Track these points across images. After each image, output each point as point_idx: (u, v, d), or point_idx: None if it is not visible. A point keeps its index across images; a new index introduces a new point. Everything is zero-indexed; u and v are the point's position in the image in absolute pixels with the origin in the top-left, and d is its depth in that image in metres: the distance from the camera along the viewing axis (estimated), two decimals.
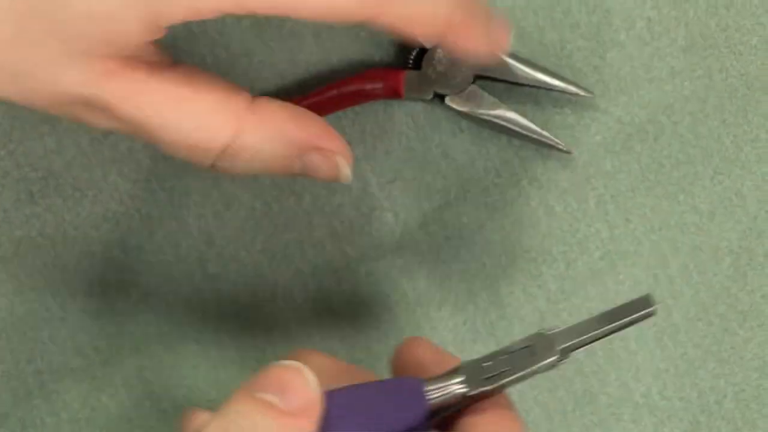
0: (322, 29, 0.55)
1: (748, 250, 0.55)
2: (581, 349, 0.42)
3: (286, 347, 0.55)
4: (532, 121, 0.54)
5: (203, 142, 0.43)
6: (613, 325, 0.42)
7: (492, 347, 0.54)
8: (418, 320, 0.55)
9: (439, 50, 0.54)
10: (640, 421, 0.55)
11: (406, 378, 0.42)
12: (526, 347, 0.42)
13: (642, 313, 0.42)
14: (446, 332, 0.55)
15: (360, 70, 0.54)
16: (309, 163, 0.45)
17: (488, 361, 0.42)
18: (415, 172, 0.55)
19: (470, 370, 0.42)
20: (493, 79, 0.54)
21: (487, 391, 0.41)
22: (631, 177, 0.55)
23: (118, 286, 0.55)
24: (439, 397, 0.41)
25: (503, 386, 0.42)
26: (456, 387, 0.41)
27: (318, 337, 0.55)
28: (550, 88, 0.54)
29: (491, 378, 0.41)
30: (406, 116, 0.55)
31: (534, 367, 0.41)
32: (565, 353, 0.42)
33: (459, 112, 0.54)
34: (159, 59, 0.44)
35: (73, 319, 0.55)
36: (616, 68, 0.55)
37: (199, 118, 0.43)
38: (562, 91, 0.54)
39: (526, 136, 0.54)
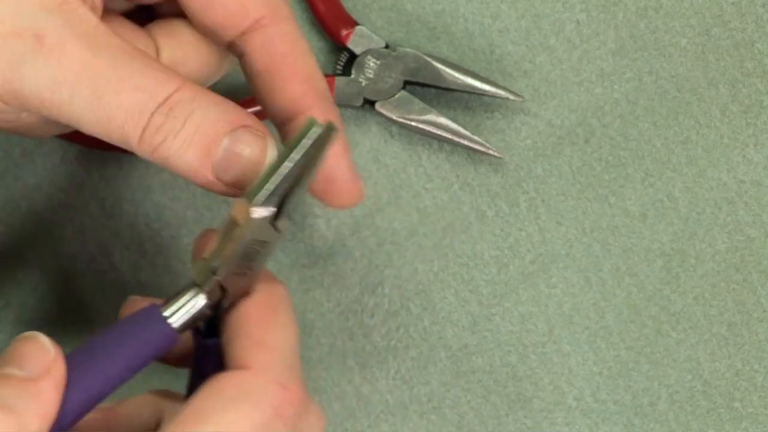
0: None
1: (680, 251, 0.56)
2: (293, 199, 0.40)
3: None
4: (462, 126, 0.54)
5: (151, 87, 0.40)
6: (311, 166, 0.39)
7: (426, 353, 0.55)
8: (351, 328, 0.55)
9: (368, 57, 0.54)
10: (574, 424, 0.55)
11: (144, 309, 0.41)
12: (245, 229, 0.39)
13: (317, 135, 0.39)
14: (379, 339, 0.55)
15: None
16: (237, 138, 0.40)
17: (213, 257, 0.40)
18: None
19: (202, 275, 0.40)
20: (424, 85, 0.54)
21: (217, 282, 0.40)
22: (562, 180, 0.55)
23: (53, 297, 0.55)
24: (178, 312, 0.40)
25: (229, 273, 0.40)
26: (188, 296, 0.40)
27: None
28: (480, 93, 0.54)
29: (215, 269, 0.40)
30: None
31: (265, 252, 0.40)
32: (286, 216, 0.40)
33: (389, 118, 0.54)
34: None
35: (7, 329, 0.55)
36: (545, 72, 0.55)
37: (145, 71, 0.41)
38: (493, 96, 0.54)
39: (457, 142, 0.54)
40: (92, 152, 0.55)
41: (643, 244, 0.55)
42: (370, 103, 0.54)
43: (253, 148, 0.40)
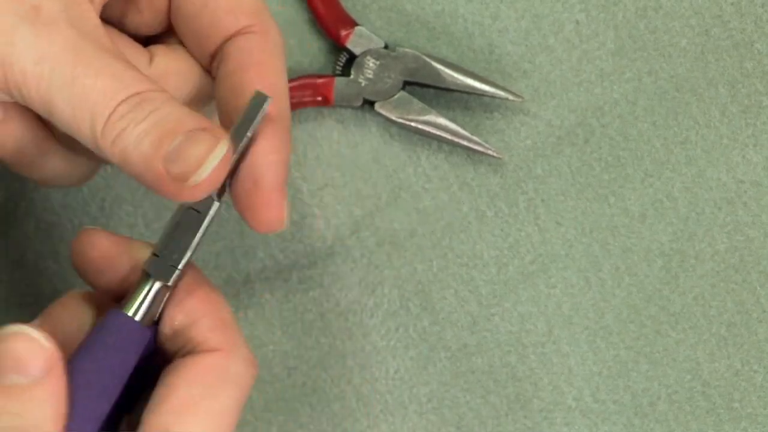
0: None
1: (680, 252, 0.56)
2: (233, 175, 0.41)
3: None
4: (462, 126, 0.54)
5: (123, 79, 0.40)
6: (246, 138, 0.41)
7: (425, 353, 0.55)
8: (350, 327, 0.55)
9: (368, 57, 0.54)
10: (573, 424, 0.55)
11: (109, 315, 0.41)
12: (188, 209, 0.41)
13: (262, 110, 0.41)
14: (378, 339, 0.55)
15: (289, 78, 0.54)
16: (191, 139, 0.40)
17: (166, 247, 0.41)
18: (346, 178, 0.55)
19: (155, 266, 0.41)
20: (423, 85, 0.54)
21: (180, 272, 0.41)
22: (562, 180, 0.55)
23: (50, 297, 0.55)
24: (144, 311, 0.41)
25: (190, 257, 0.41)
26: (153, 291, 0.41)
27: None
28: (479, 94, 0.54)
29: (177, 260, 0.41)
30: (337, 123, 0.55)
31: (206, 224, 0.41)
32: (223, 191, 0.41)
33: (389, 119, 0.54)
34: None
35: None
36: (545, 72, 0.55)
37: (126, 68, 0.41)
38: (492, 96, 0.54)
39: (457, 142, 0.54)
40: None
41: (643, 244, 0.55)
42: (369, 104, 0.54)
43: (207, 144, 0.40)
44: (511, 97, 0.54)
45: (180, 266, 0.41)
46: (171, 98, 0.41)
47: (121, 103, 0.40)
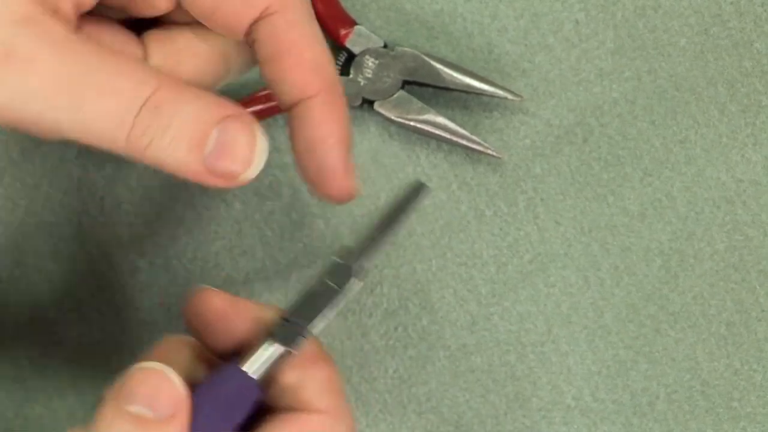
0: None
1: (679, 251, 0.56)
2: (376, 256, 0.42)
3: None
4: (461, 125, 0.54)
5: (128, 90, 0.40)
6: (397, 223, 0.42)
7: (424, 352, 0.55)
8: (350, 327, 0.55)
9: (367, 56, 0.54)
10: (572, 423, 0.55)
11: (225, 368, 0.41)
12: (325, 283, 0.42)
13: (418, 198, 0.42)
14: (378, 338, 0.55)
15: None
16: (226, 128, 0.40)
17: (295, 313, 0.42)
18: None
19: (281, 329, 0.42)
20: (422, 85, 0.54)
21: (301, 340, 0.41)
22: (561, 179, 0.55)
23: (50, 297, 0.55)
24: (263, 371, 0.41)
25: (314, 329, 0.42)
26: (275, 353, 0.41)
27: None
28: (478, 93, 0.54)
29: (303, 329, 0.41)
30: None
31: (341, 301, 0.42)
32: (363, 270, 0.42)
33: (388, 118, 0.54)
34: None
35: (6, 332, 0.55)
36: (544, 71, 0.55)
37: (125, 68, 0.40)
38: (491, 96, 0.54)
39: (456, 141, 0.54)
40: (92, 152, 0.55)
41: (642, 243, 0.55)
42: (368, 103, 0.54)
43: (244, 136, 0.41)
44: (510, 97, 0.54)
45: (308, 336, 0.42)
46: (178, 90, 0.40)
47: (137, 118, 0.39)
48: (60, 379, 0.55)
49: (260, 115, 0.54)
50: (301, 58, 0.43)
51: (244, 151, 0.40)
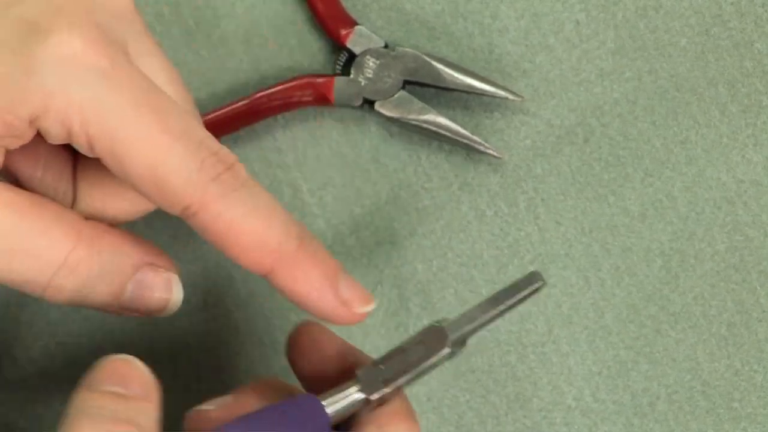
0: (251, 36, 0.55)
1: (679, 251, 0.56)
2: (476, 334, 0.42)
3: (216, 355, 0.55)
4: (462, 125, 0.54)
5: (45, 253, 0.41)
6: (504, 305, 0.42)
7: None
8: (350, 327, 0.55)
9: (368, 56, 0.54)
10: (573, 424, 0.55)
11: (303, 396, 0.42)
12: (420, 342, 0.42)
13: (531, 288, 0.42)
14: (378, 338, 0.55)
15: (290, 77, 0.54)
16: (141, 281, 0.42)
17: (383, 363, 0.42)
18: (346, 178, 0.55)
19: (366, 375, 0.41)
20: (423, 85, 0.54)
21: (385, 393, 0.41)
22: (562, 180, 0.55)
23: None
24: (338, 409, 0.41)
25: (400, 386, 0.41)
26: (354, 396, 0.41)
27: (249, 345, 0.55)
28: (479, 93, 0.54)
29: (387, 380, 0.41)
30: (336, 122, 0.55)
31: (428, 363, 0.41)
32: (460, 343, 0.42)
33: (389, 118, 0.54)
34: None
35: (6, 329, 0.55)
36: (545, 71, 0.55)
37: (43, 226, 0.41)
38: (492, 96, 0.54)
39: (457, 141, 0.54)
40: None
41: (643, 243, 0.55)
42: (369, 103, 0.54)
43: (158, 291, 0.43)
44: (510, 97, 0.54)
45: (389, 390, 0.41)
46: (94, 246, 0.41)
47: (53, 278, 0.40)
48: (60, 380, 0.55)
49: (260, 115, 0.54)
50: (239, 246, 0.41)
51: (161, 296, 0.43)
